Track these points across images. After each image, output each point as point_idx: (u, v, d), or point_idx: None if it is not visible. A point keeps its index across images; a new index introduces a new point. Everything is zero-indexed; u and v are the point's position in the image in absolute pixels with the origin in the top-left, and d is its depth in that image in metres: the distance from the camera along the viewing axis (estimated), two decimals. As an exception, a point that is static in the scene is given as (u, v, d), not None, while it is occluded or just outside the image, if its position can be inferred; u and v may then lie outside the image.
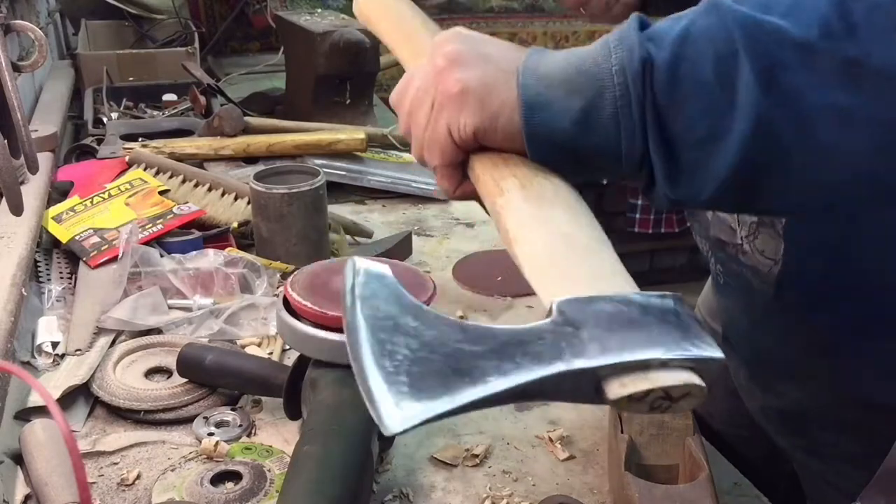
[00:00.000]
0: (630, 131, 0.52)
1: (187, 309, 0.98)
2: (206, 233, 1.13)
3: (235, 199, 1.20)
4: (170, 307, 0.98)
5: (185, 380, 0.84)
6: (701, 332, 0.45)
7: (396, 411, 0.40)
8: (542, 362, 0.42)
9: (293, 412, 0.77)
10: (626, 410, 0.44)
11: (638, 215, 2.91)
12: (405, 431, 0.40)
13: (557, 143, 0.54)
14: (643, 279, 0.51)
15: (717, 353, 0.44)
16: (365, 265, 0.48)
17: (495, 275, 1.12)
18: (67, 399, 0.82)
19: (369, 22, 0.78)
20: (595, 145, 0.53)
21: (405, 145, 1.54)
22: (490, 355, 0.43)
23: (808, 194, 0.53)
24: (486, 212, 0.58)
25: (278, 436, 0.80)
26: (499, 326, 0.45)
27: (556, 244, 0.51)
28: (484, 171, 0.58)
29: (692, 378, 0.43)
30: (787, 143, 0.49)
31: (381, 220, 1.32)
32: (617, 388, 0.43)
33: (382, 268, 0.48)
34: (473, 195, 0.60)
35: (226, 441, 0.77)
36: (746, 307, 0.82)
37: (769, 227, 0.74)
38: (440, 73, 0.57)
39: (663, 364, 0.43)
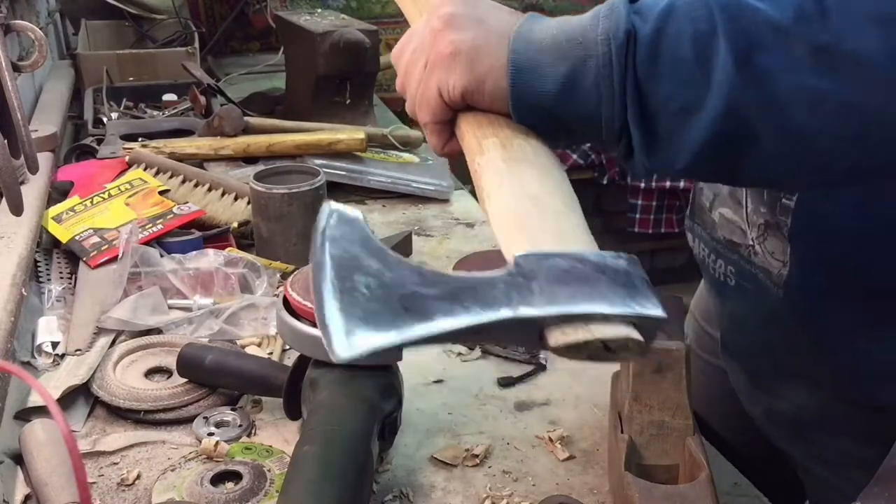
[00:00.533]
0: (610, 100, 0.54)
1: (187, 309, 0.98)
2: (206, 233, 1.13)
3: (235, 199, 1.20)
4: (170, 307, 0.98)
5: (185, 380, 0.84)
6: (647, 292, 0.47)
7: (346, 340, 0.42)
8: (490, 307, 0.45)
9: (293, 412, 0.77)
10: (565, 357, 0.47)
11: (638, 215, 2.91)
12: (353, 359, 0.42)
13: (541, 107, 0.56)
14: (643, 279, 0.52)
15: (658, 312, 0.46)
16: (338, 209, 0.50)
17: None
18: (67, 399, 0.82)
19: None
20: (577, 112, 0.55)
21: (405, 145, 1.54)
22: (442, 298, 0.45)
23: (778, 172, 0.55)
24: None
25: (278, 436, 0.80)
26: (455, 273, 0.48)
27: (524, 204, 0.54)
28: (468, 130, 0.60)
29: (630, 332, 0.45)
30: (758, 123, 0.51)
31: (381, 220, 1.32)
32: (558, 336, 0.45)
33: (354, 212, 0.51)
34: (460, 153, 0.62)
35: (226, 441, 0.77)
36: (757, 309, 0.81)
37: (776, 229, 0.74)
38: (435, 34, 0.59)
39: (605, 318, 0.45)
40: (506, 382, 0.89)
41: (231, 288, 1.00)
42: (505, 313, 0.44)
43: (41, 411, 0.79)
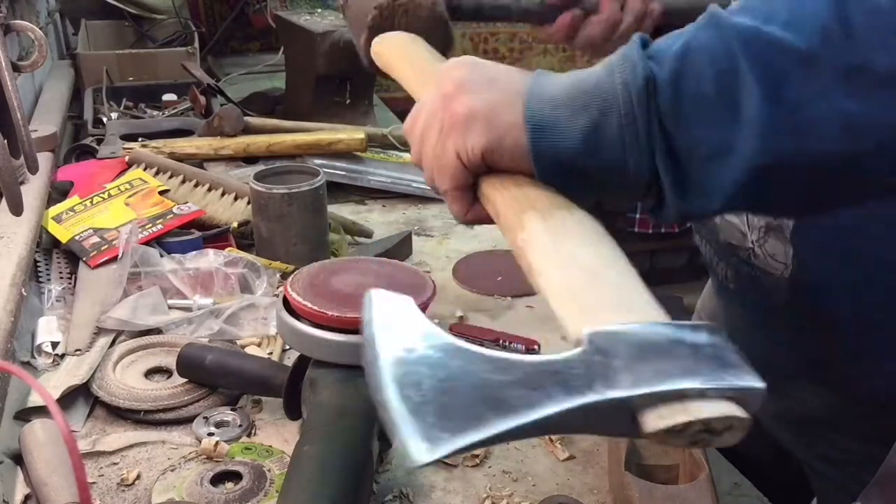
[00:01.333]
0: (635, 149, 0.52)
1: (187, 309, 0.98)
2: (206, 233, 1.13)
3: (235, 199, 1.20)
4: (170, 307, 0.98)
5: (185, 380, 0.84)
6: (739, 361, 0.44)
7: (424, 444, 0.39)
8: (573, 392, 0.41)
9: (293, 412, 0.77)
10: (665, 444, 0.43)
11: (638, 215, 2.90)
12: (433, 463, 0.39)
13: (564, 163, 0.54)
14: (643, 279, 0.52)
15: (759, 383, 0.42)
16: (384, 297, 0.48)
17: (495, 275, 1.12)
18: (67, 399, 0.82)
19: (389, 67, 0.79)
20: (602, 163, 0.53)
21: (405, 145, 1.54)
22: (519, 385, 0.41)
23: (818, 200, 0.54)
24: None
25: (278, 436, 0.80)
26: (526, 357, 0.44)
27: (579, 278, 0.50)
28: (500, 200, 0.57)
29: (732, 409, 0.41)
30: (794, 155, 0.49)
31: (381, 220, 1.32)
32: (654, 421, 0.41)
33: (404, 299, 0.48)
34: (485, 219, 0.60)
35: (226, 441, 0.77)
36: (760, 312, 0.80)
37: (778, 231, 0.73)
38: (448, 98, 0.58)
39: (701, 394, 0.41)
40: (506, 382, 0.89)
41: (231, 288, 1.00)
42: (591, 397, 0.40)
43: (41, 411, 0.79)
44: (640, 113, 0.51)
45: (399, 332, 0.45)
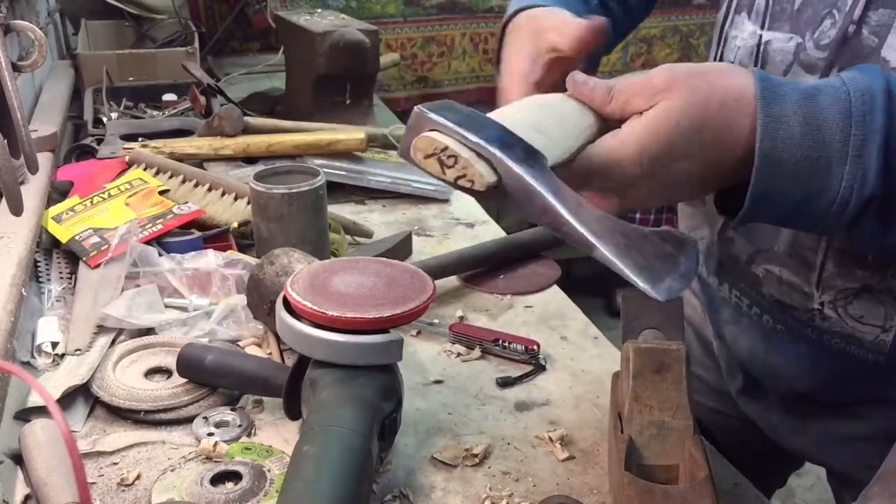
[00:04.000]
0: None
1: (183, 308, 0.98)
2: (206, 233, 1.13)
3: (235, 199, 1.20)
4: (166, 306, 0.98)
5: (185, 380, 0.84)
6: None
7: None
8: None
9: (293, 412, 0.77)
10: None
11: (638, 214, 2.90)
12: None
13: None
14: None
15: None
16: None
17: (495, 274, 1.12)
18: (67, 399, 0.82)
19: None
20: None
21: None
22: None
23: None
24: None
25: (278, 436, 0.80)
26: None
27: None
28: None
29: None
30: None
31: (381, 220, 1.32)
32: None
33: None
34: None
35: (225, 441, 0.77)
36: (828, 368, 0.77)
37: (883, 294, 0.70)
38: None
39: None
40: (505, 382, 0.89)
41: (228, 289, 1.00)
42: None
43: (41, 411, 0.79)
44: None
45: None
